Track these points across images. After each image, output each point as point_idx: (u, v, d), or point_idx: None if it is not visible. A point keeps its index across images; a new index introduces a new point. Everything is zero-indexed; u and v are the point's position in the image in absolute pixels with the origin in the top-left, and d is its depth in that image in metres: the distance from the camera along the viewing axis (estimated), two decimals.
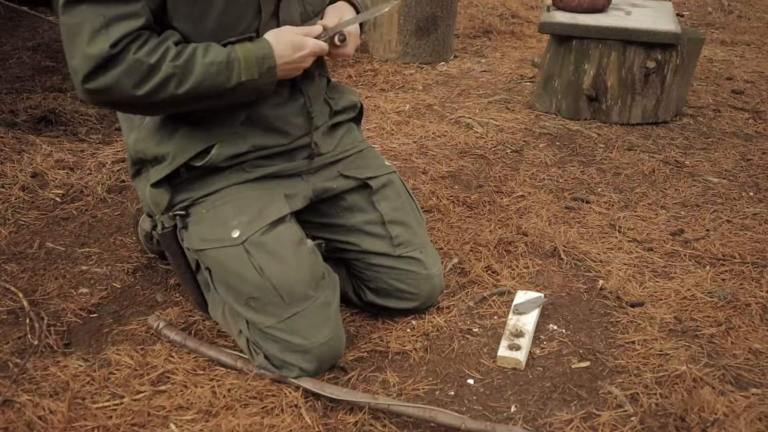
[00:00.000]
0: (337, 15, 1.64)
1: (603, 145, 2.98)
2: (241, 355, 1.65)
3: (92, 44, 1.36)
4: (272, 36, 1.51)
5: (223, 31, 1.48)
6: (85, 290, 1.95)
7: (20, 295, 1.88)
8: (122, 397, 1.55)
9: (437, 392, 1.61)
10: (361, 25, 1.73)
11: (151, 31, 1.42)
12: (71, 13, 1.37)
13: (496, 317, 1.86)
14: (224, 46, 1.48)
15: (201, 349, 1.68)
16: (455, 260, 2.08)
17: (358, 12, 1.70)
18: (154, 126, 1.60)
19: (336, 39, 1.60)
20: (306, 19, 1.62)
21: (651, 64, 3.05)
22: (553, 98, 3.27)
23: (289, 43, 1.51)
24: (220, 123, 1.58)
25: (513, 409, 1.56)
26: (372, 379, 1.64)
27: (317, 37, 1.57)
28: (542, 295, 1.89)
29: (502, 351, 1.69)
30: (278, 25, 1.55)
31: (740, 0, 5.76)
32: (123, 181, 2.55)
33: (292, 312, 1.55)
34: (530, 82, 3.75)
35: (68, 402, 1.52)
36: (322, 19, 1.64)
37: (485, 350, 1.74)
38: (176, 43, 1.44)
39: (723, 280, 2.03)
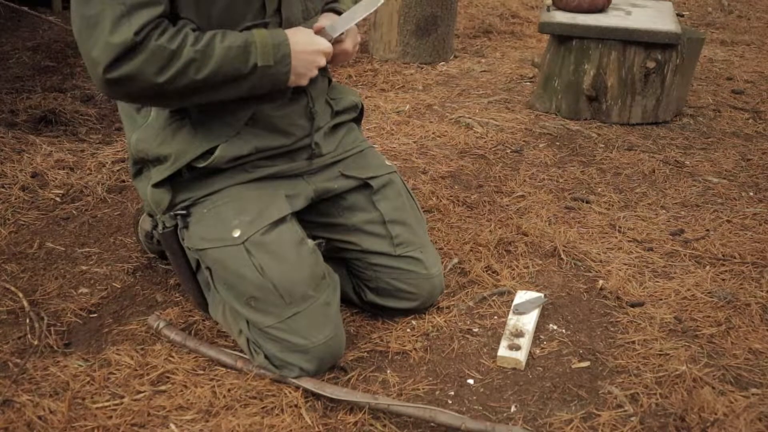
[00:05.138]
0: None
1: (603, 145, 2.98)
2: (241, 355, 1.65)
3: (115, 33, 1.35)
4: (289, 31, 1.53)
5: (228, 26, 1.48)
6: (85, 290, 1.95)
7: (20, 295, 1.88)
8: (122, 397, 1.55)
9: (437, 392, 1.61)
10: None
11: (168, 20, 1.42)
12: (89, 4, 1.36)
13: (496, 317, 1.86)
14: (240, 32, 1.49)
15: (201, 349, 1.68)
16: (455, 260, 2.08)
17: None
18: (156, 126, 1.60)
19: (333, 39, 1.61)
20: (307, 17, 1.62)
21: (651, 64, 3.05)
22: (553, 98, 3.27)
23: (304, 38, 1.53)
24: (223, 124, 1.58)
25: (513, 409, 1.56)
26: (372, 379, 1.64)
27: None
28: (542, 295, 1.89)
29: (502, 351, 1.69)
30: (281, 22, 1.55)
31: (740, 0, 5.77)
32: (123, 181, 2.55)
33: (293, 312, 1.55)
34: (530, 82, 3.75)
35: (68, 402, 1.52)
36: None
37: (485, 350, 1.74)
38: (194, 29, 1.44)
39: (723, 280, 2.03)
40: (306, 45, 1.53)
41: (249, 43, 1.46)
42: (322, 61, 1.57)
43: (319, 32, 1.59)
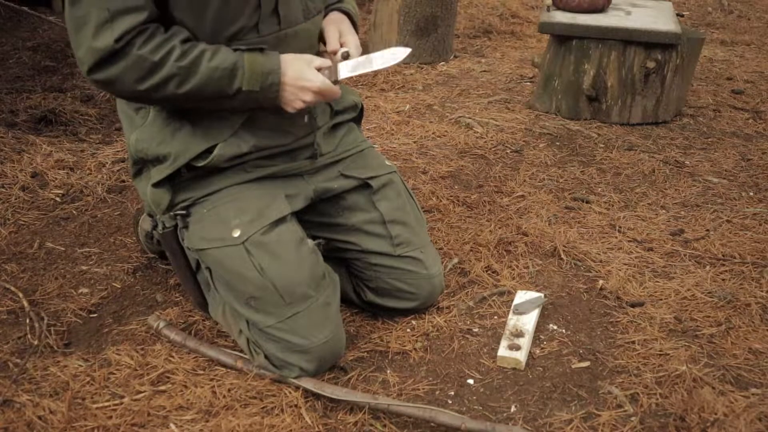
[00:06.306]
0: (336, 29, 1.65)
1: (603, 145, 2.98)
2: (241, 355, 1.65)
3: (97, 38, 1.38)
4: (288, 57, 1.51)
5: (223, 24, 1.48)
6: (85, 290, 1.95)
7: (20, 295, 1.88)
8: (122, 397, 1.55)
9: (437, 392, 1.61)
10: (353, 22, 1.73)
11: (157, 24, 1.43)
12: (77, 5, 1.38)
13: (496, 317, 1.86)
14: (235, 50, 1.48)
15: (201, 349, 1.68)
16: (455, 260, 2.08)
17: (353, 22, 1.71)
18: (156, 126, 1.60)
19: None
20: (308, 16, 1.62)
21: (651, 64, 3.05)
22: (553, 98, 3.27)
23: (295, 71, 1.50)
24: (222, 123, 1.58)
25: (513, 409, 1.56)
26: (372, 379, 1.64)
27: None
28: (542, 295, 1.89)
29: (502, 351, 1.69)
30: (279, 22, 1.55)
31: (740, 0, 5.77)
32: (123, 181, 2.55)
33: (293, 312, 1.55)
34: (530, 82, 3.75)
35: (68, 402, 1.52)
36: (322, 27, 1.67)
37: (485, 350, 1.74)
38: (184, 41, 1.44)
39: (723, 280, 2.03)
40: (295, 80, 1.50)
41: (237, 67, 1.46)
42: (308, 98, 1.52)
43: (322, 70, 1.55)
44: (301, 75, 1.51)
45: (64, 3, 1.41)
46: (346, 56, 1.59)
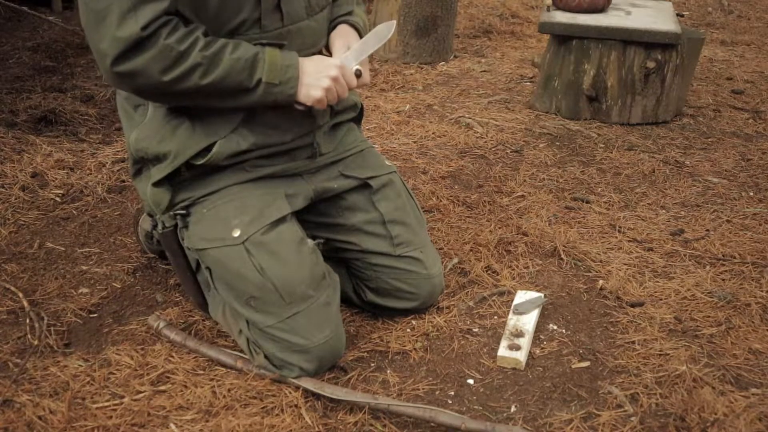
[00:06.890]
0: (344, 43, 1.66)
1: (603, 145, 2.98)
2: (241, 355, 1.65)
3: (122, 27, 1.37)
4: (304, 58, 1.55)
5: (224, 19, 1.48)
6: (85, 290, 1.95)
7: (20, 295, 1.88)
8: (122, 397, 1.55)
9: (437, 392, 1.61)
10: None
11: (178, 18, 1.43)
12: None
13: (496, 317, 1.86)
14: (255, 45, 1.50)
15: (201, 349, 1.68)
16: (455, 260, 2.08)
17: (360, 35, 1.71)
18: (155, 124, 1.60)
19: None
20: (311, 13, 1.62)
21: (651, 64, 3.05)
22: (553, 98, 3.27)
23: (316, 65, 1.54)
24: (221, 120, 1.58)
25: (513, 409, 1.56)
26: (372, 379, 1.64)
27: None
28: (542, 295, 1.89)
29: (502, 351, 1.69)
30: (282, 18, 1.55)
31: (740, 0, 5.76)
32: (123, 181, 2.55)
33: (293, 312, 1.55)
34: (530, 82, 3.75)
35: (68, 402, 1.52)
36: (329, 34, 1.69)
37: (485, 350, 1.74)
38: (204, 35, 1.45)
39: (723, 280, 2.03)
40: (313, 67, 1.54)
41: (258, 59, 1.48)
42: (332, 72, 1.55)
43: None
44: (319, 62, 1.55)
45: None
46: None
